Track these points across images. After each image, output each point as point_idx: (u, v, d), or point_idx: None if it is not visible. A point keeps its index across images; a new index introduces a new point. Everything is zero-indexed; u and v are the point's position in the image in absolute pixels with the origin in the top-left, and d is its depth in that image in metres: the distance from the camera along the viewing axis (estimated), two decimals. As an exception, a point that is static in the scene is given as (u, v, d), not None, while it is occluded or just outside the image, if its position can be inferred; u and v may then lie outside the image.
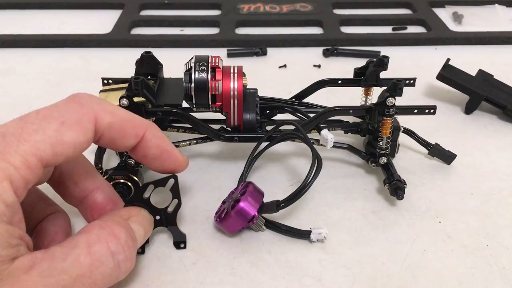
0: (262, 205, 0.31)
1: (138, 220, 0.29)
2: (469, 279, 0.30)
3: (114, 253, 0.25)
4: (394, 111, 0.35)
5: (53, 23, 0.64)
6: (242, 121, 0.35)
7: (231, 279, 0.29)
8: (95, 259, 0.24)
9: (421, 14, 0.66)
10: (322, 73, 0.53)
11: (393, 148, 0.38)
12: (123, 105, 0.33)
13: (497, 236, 0.32)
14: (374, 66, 0.38)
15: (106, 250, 0.25)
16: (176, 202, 0.31)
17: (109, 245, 0.25)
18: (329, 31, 0.61)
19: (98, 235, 0.25)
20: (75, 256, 0.23)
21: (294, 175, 0.38)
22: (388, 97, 0.34)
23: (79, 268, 0.23)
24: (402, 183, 0.34)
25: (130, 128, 0.27)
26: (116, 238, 0.25)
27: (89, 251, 0.24)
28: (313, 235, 0.31)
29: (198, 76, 0.33)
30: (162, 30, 0.62)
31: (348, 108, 0.36)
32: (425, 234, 0.33)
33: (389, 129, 0.36)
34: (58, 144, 0.24)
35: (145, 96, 0.34)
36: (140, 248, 0.30)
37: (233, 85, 0.34)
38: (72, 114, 0.25)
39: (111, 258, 0.25)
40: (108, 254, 0.25)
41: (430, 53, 0.58)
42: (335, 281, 0.29)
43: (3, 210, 0.22)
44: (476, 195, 0.36)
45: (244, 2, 0.68)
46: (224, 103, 0.34)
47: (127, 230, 0.26)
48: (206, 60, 0.34)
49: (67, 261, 0.23)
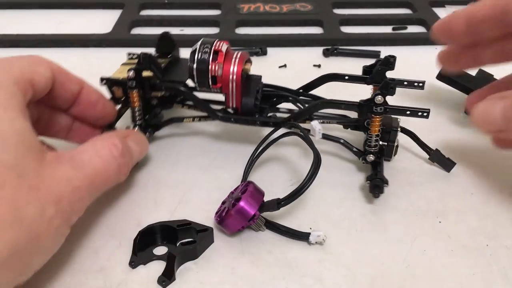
0: (263, 204, 0.31)
1: (134, 139, 0.35)
2: (469, 279, 0.30)
3: (116, 157, 0.31)
4: (382, 110, 0.34)
5: (53, 23, 0.64)
6: (240, 103, 0.37)
7: (231, 279, 0.29)
8: (103, 160, 0.30)
9: (421, 14, 0.66)
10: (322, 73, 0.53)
11: (390, 149, 0.37)
12: (130, 77, 0.36)
13: (497, 236, 0.32)
14: (381, 65, 0.38)
15: (110, 154, 0.31)
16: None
17: (111, 151, 0.31)
18: (329, 31, 0.61)
19: (101, 144, 0.31)
20: (89, 158, 0.29)
21: (294, 175, 0.38)
22: (378, 94, 0.34)
23: (94, 166, 0.29)
24: (383, 182, 0.34)
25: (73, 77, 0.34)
26: (116, 146, 0.31)
27: (98, 154, 0.30)
28: (311, 237, 0.31)
29: (200, 58, 0.36)
30: (162, 30, 0.62)
31: (341, 103, 0.36)
32: (425, 234, 0.33)
33: (377, 127, 0.35)
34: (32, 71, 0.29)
35: (153, 70, 0.37)
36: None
37: (233, 68, 0.36)
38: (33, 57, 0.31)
39: (114, 160, 0.31)
40: (112, 158, 0.31)
41: (430, 53, 0.57)
42: (335, 281, 0.29)
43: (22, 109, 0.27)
44: (476, 195, 0.36)
45: (244, 2, 0.68)
46: (224, 85, 0.36)
47: (124, 143, 0.32)
48: (210, 43, 0.36)
49: (85, 161, 0.29)
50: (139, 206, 0.35)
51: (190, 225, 0.32)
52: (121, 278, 0.29)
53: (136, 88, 0.37)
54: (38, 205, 0.25)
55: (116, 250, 0.31)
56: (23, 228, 0.24)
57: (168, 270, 0.29)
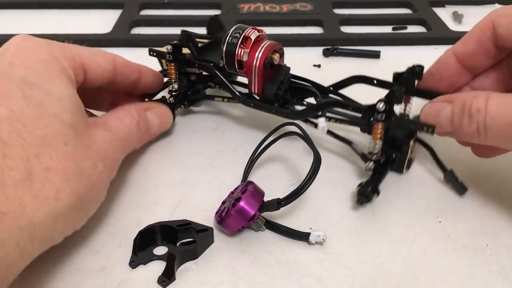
0: (263, 204, 0.31)
1: (155, 112, 0.38)
2: (469, 279, 0.30)
3: (136, 125, 0.35)
4: (383, 117, 0.33)
5: (53, 23, 0.64)
6: (261, 90, 0.39)
7: (231, 279, 0.29)
8: (127, 126, 0.34)
9: (421, 13, 0.66)
10: (322, 73, 0.53)
11: (401, 161, 0.36)
12: (168, 50, 0.39)
13: (497, 236, 0.32)
14: (407, 73, 0.36)
15: (131, 122, 0.34)
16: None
17: (131, 119, 0.35)
18: (329, 30, 0.61)
19: (123, 114, 0.34)
20: (115, 123, 0.33)
21: (294, 175, 0.38)
22: (380, 101, 0.33)
23: (121, 131, 0.33)
24: (371, 192, 0.33)
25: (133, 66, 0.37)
26: (133, 116, 0.35)
27: (122, 121, 0.34)
28: (312, 237, 0.31)
29: (230, 41, 0.38)
30: (162, 30, 0.62)
31: (348, 104, 0.36)
32: (425, 234, 0.33)
33: (379, 134, 0.34)
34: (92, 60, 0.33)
35: (189, 47, 0.40)
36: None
37: (257, 55, 0.37)
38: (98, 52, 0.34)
39: (136, 127, 0.35)
40: (133, 125, 0.34)
41: (430, 53, 0.57)
42: (335, 281, 0.29)
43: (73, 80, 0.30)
44: (476, 195, 0.36)
45: (244, 2, 0.68)
46: (248, 71, 0.38)
47: (141, 115, 0.36)
48: (242, 29, 0.38)
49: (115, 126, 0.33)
50: (139, 206, 0.35)
51: (190, 225, 0.32)
52: (121, 278, 0.29)
53: (173, 62, 0.40)
54: (92, 161, 0.28)
55: (116, 250, 0.31)
56: (83, 180, 0.27)
57: (168, 270, 0.29)
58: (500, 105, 0.29)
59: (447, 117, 0.32)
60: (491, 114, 0.30)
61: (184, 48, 0.41)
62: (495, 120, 0.29)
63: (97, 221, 0.33)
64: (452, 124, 0.32)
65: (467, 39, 0.34)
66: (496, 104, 0.30)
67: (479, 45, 0.33)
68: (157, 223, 0.32)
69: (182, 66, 0.41)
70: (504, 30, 0.32)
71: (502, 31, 0.32)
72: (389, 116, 0.34)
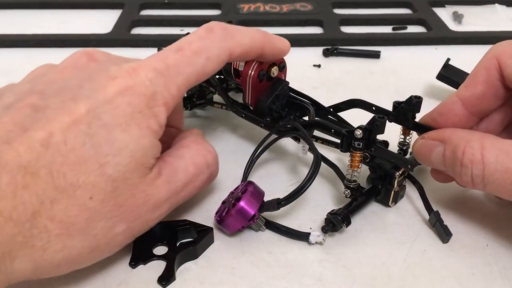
0: (263, 204, 0.31)
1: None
2: (469, 279, 0.30)
3: (209, 165, 0.31)
4: (361, 146, 0.31)
5: (53, 23, 0.64)
6: (254, 102, 0.38)
7: (231, 279, 0.29)
8: (197, 168, 0.30)
9: (421, 13, 0.66)
10: (322, 73, 0.53)
11: (388, 195, 0.34)
12: None
13: (497, 236, 0.32)
14: (404, 103, 0.34)
15: (204, 161, 0.31)
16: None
17: (206, 158, 0.31)
18: (329, 30, 0.61)
19: (197, 149, 0.31)
20: (184, 167, 0.29)
21: (294, 175, 0.38)
22: (358, 128, 0.31)
23: (187, 176, 0.30)
24: (340, 221, 0.31)
25: (252, 53, 0.33)
26: (210, 152, 0.31)
27: (194, 162, 0.30)
28: (312, 237, 0.31)
29: None
30: (162, 30, 0.62)
31: (331, 127, 0.33)
32: (425, 234, 0.33)
33: (357, 163, 0.32)
34: (201, 74, 0.29)
35: None
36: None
37: (252, 67, 0.36)
38: (214, 49, 0.30)
39: (207, 169, 0.31)
40: (205, 165, 0.31)
41: (430, 53, 0.58)
42: (335, 281, 0.29)
43: (157, 129, 0.27)
44: (476, 195, 0.36)
45: (244, 2, 0.68)
46: (243, 81, 0.37)
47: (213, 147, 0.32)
48: None
49: (179, 170, 0.29)
50: (139, 206, 0.35)
51: (190, 225, 0.32)
52: (121, 278, 0.29)
53: None
54: (112, 221, 0.26)
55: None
56: (86, 241, 0.25)
57: (168, 270, 0.29)
58: (499, 157, 0.27)
59: (439, 157, 0.30)
60: (490, 168, 0.27)
61: None
62: (495, 175, 0.27)
63: (97, 221, 0.33)
64: (444, 165, 0.30)
65: (474, 82, 0.31)
66: (495, 156, 0.27)
67: (487, 87, 0.31)
68: (157, 223, 0.32)
69: None
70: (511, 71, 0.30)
71: (509, 71, 0.30)
72: (369, 145, 0.32)
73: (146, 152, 0.27)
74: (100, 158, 0.25)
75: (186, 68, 0.28)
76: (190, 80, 0.29)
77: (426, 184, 0.34)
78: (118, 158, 0.25)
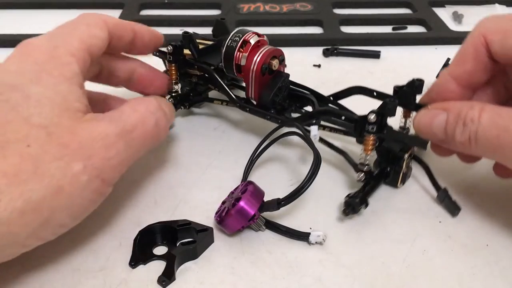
0: (263, 204, 0.31)
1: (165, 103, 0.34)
2: (469, 279, 0.30)
3: (152, 112, 0.32)
4: (374, 129, 0.32)
5: (53, 23, 0.63)
6: (257, 96, 0.38)
7: (231, 279, 0.29)
8: (141, 113, 0.31)
9: (421, 13, 0.66)
10: (322, 73, 0.53)
11: (396, 175, 0.35)
12: (168, 50, 0.39)
13: (497, 236, 0.32)
14: (406, 86, 0.35)
15: (146, 109, 0.31)
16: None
17: (148, 106, 0.32)
18: (329, 30, 0.61)
19: (137, 102, 0.32)
20: (126, 113, 0.30)
21: (294, 175, 0.38)
22: (371, 112, 0.32)
23: (132, 120, 0.30)
24: (358, 203, 0.32)
25: (126, 25, 0.36)
26: (152, 103, 0.32)
27: (135, 109, 0.31)
28: (311, 237, 0.31)
29: (229, 44, 0.37)
30: (162, 30, 0.62)
31: (341, 114, 0.35)
32: (425, 234, 0.33)
33: (370, 146, 0.33)
34: (90, 37, 0.32)
35: (190, 49, 0.40)
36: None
37: (255, 60, 0.37)
38: (90, 19, 0.33)
39: (151, 114, 0.31)
40: (148, 112, 0.31)
41: (430, 53, 0.58)
42: (335, 281, 0.29)
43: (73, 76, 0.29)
44: (476, 195, 0.36)
45: (244, 2, 0.68)
46: (245, 75, 0.37)
47: (158, 101, 0.33)
48: (243, 33, 0.38)
49: (122, 115, 0.30)
50: (139, 206, 0.35)
51: (190, 225, 0.32)
52: (121, 278, 0.29)
53: (173, 63, 0.40)
54: (64, 161, 0.26)
55: (116, 250, 0.31)
56: (44, 182, 0.25)
57: (168, 270, 0.29)
58: (492, 116, 0.30)
59: (441, 125, 0.32)
60: (483, 125, 0.30)
61: (186, 49, 0.40)
62: (485, 130, 0.29)
63: (97, 221, 0.33)
64: (445, 132, 0.31)
65: (463, 59, 0.34)
66: (489, 115, 0.30)
67: (476, 63, 0.33)
68: (157, 223, 0.32)
69: (181, 66, 0.41)
70: (498, 47, 0.31)
71: (496, 48, 0.32)
72: (382, 128, 0.33)
73: (65, 96, 0.28)
74: (23, 114, 0.26)
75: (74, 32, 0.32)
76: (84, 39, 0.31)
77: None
78: (39, 108, 0.27)
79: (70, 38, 0.31)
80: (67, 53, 0.30)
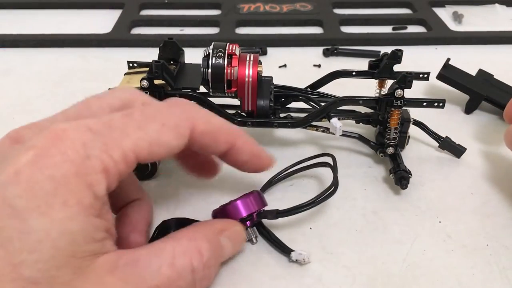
0: (262, 211, 0.31)
1: (229, 235, 0.28)
2: (469, 279, 0.30)
3: (194, 271, 0.25)
4: (402, 103, 0.35)
5: (53, 23, 0.64)
6: (255, 106, 0.37)
7: (231, 279, 0.29)
8: (176, 272, 0.24)
9: (421, 13, 0.66)
10: (322, 73, 0.53)
11: (403, 140, 0.38)
12: (143, 86, 0.35)
13: (497, 236, 0.32)
14: (388, 59, 0.39)
15: (188, 265, 0.24)
16: None
17: (192, 261, 0.25)
18: (329, 30, 0.61)
19: (185, 246, 0.25)
20: (157, 266, 0.23)
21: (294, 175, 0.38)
22: (397, 88, 0.35)
23: (159, 279, 0.23)
24: (408, 173, 0.35)
25: (222, 136, 0.27)
26: (201, 255, 0.25)
27: (172, 263, 0.24)
28: (293, 254, 0.30)
29: (215, 62, 0.35)
30: (162, 30, 0.62)
31: (358, 98, 0.37)
32: (425, 234, 0.33)
33: (397, 120, 0.36)
34: (155, 143, 0.24)
35: (165, 79, 0.36)
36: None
37: (248, 71, 0.36)
38: (172, 118, 0.25)
39: (191, 274, 0.24)
40: (189, 269, 0.24)
41: (430, 53, 0.58)
42: (335, 281, 0.29)
43: (92, 202, 0.22)
44: (476, 195, 0.36)
45: (244, 2, 0.68)
46: (239, 89, 0.36)
47: (214, 248, 0.26)
48: (223, 47, 0.36)
49: (149, 269, 0.23)
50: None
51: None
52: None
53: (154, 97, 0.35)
54: None
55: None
56: None
57: None
58: None
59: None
60: None
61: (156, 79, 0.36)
62: None
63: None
64: None
65: None
66: None
67: None
68: (172, 218, 0.31)
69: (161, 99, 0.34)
70: None
71: None
72: (404, 101, 0.35)
73: (74, 238, 0.21)
74: (12, 258, 0.20)
75: (135, 132, 0.23)
76: (141, 148, 0.23)
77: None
78: (37, 254, 0.20)
79: (117, 142, 0.23)
80: (99, 168, 0.22)
